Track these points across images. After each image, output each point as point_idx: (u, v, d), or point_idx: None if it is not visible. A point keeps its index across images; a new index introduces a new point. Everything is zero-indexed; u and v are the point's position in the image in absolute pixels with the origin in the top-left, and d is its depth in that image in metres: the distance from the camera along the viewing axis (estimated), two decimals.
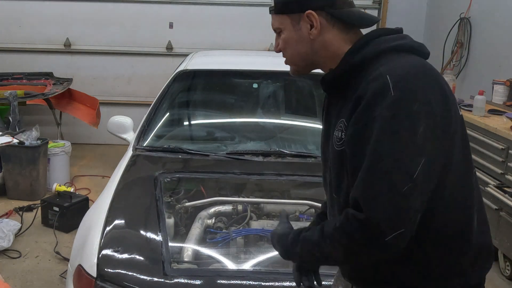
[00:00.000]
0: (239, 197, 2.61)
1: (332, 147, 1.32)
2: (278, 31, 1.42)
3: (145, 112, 3.41)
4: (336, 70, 1.34)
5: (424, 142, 1.16)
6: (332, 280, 1.65)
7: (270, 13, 1.43)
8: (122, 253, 2.03)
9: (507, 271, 3.51)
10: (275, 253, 2.15)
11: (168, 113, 3.51)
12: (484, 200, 3.55)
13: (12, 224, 3.81)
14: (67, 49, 6.30)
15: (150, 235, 2.18)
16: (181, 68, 3.76)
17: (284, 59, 1.46)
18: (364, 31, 1.37)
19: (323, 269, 1.58)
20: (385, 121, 1.16)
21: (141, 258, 2.05)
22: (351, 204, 1.20)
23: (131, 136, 3.31)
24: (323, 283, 1.72)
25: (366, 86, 1.21)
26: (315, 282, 1.53)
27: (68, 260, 2.67)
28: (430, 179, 1.19)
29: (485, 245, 1.35)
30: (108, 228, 2.19)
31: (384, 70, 1.21)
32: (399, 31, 1.36)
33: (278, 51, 1.46)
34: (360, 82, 1.25)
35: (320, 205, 2.03)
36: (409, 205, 1.15)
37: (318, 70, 1.43)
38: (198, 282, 1.91)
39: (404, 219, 1.15)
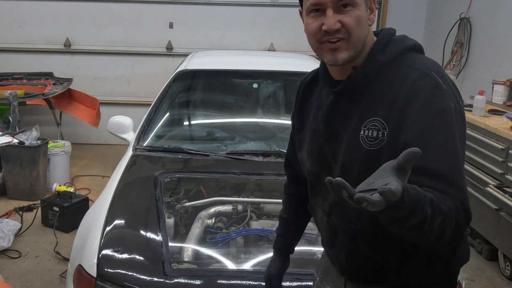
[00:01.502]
0: (239, 197, 2.61)
1: (356, 147, 1.28)
2: (347, 4, 1.24)
3: (145, 112, 3.41)
4: (367, 68, 1.30)
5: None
6: (313, 281, 1.66)
7: None
8: (122, 253, 2.03)
9: (507, 271, 3.51)
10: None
11: (168, 113, 3.51)
12: (484, 200, 3.58)
13: (12, 224, 3.81)
14: (67, 49, 6.30)
15: (150, 235, 2.18)
16: (181, 68, 3.76)
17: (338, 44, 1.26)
18: None
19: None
20: (452, 111, 1.20)
21: (141, 258, 2.05)
22: (441, 190, 1.14)
23: (131, 136, 3.31)
24: (305, 283, 1.85)
25: (415, 85, 1.22)
26: None
27: (68, 260, 2.67)
28: None
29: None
30: (108, 228, 2.19)
31: (423, 68, 1.25)
32: (395, 31, 1.38)
33: (336, 29, 1.24)
34: (392, 80, 1.26)
35: None
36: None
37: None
38: (198, 282, 1.91)
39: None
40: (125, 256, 2.03)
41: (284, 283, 1.90)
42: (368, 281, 1.39)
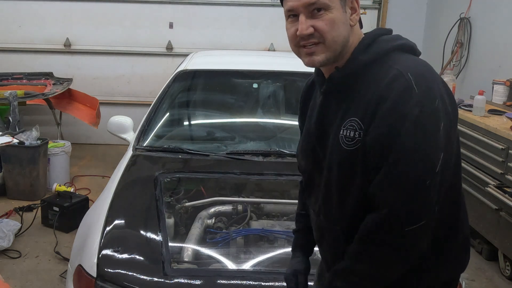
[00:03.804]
0: (239, 197, 2.61)
1: (336, 146, 1.30)
2: (320, 8, 1.25)
3: (145, 112, 3.41)
4: (347, 68, 1.30)
5: (443, 138, 1.21)
6: (313, 281, 1.66)
7: None
8: (122, 253, 2.03)
9: (507, 271, 3.51)
10: (275, 253, 2.16)
11: (168, 113, 3.51)
12: (484, 200, 3.58)
13: (12, 224, 3.81)
14: (67, 49, 6.30)
15: (150, 235, 2.18)
16: (181, 68, 3.76)
17: (310, 48, 1.28)
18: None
19: None
20: (414, 117, 1.17)
21: (141, 258, 2.05)
22: (372, 198, 1.22)
23: (131, 136, 3.31)
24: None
25: (389, 85, 1.21)
26: None
27: (68, 260, 2.67)
28: (446, 174, 1.23)
29: (467, 237, 1.41)
30: (108, 228, 2.19)
31: (402, 68, 1.22)
32: (391, 31, 1.37)
33: (308, 34, 1.26)
34: (372, 80, 1.25)
35: None
36: (431, 198, 1.19)
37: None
38: (198, 282, 1.91)
39: (425, 211, 1.19)
40: (125, 256, 2.03)
41: (283, 283, 1.90)
42: None
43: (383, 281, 1.27)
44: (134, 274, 1.95)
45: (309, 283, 1.60)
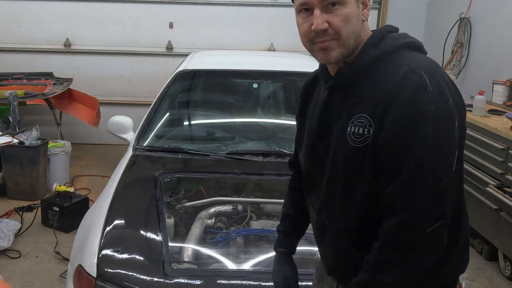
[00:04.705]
0: (239, 197, 2.61)
1: (342, 143, 1.28)
2: (336, 2, 1.22)
3: (145, 112, 3.41)
4: (358, 63, 1.28)
5: (457, 136, 1.21)
6: (312, 282, 1.65)
7: None
8: (122, 253, 2.03)
9: (507, 271, 3.51)
10: (275, 253, 2.16)
11: (168, 113, 3.51)
12: (484, 200, 3.58)
13: (12, 224, 3.81)
14: (67, 49, 6.30)
15: (150, 235, 2.18)
16: (181, 68, 3.76)
17: (325, 42, 1.25)
18: None
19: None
20: (430, 116, 1.16)
21: (141, 258, 2.05)
22: (389, 201, 1.20)
23: (131, 136, 3.32)
24: (304, 283, 1.78)
25: (401, 82, 1.19)
26: None
27: (68, 260, 2.67)
28: (458, 171, 1.23)
29: (467, 238, 1.40)
30: (108, 228, 2.20)
31: (413, 65, 1.21)
32: (398, 29, 1.37)
33: (323, 29, 1.23)
34: (382, 77, 1.24)
35: None
36: (447, 197, 1.19)
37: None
38: (198, 282, 1.92)
39: (443, 210, 1.19)
40: (125, 256, 2.03)
41: None
42: None
43: (410, 283, 1.25)
44: (134, 274, 1.95)
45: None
